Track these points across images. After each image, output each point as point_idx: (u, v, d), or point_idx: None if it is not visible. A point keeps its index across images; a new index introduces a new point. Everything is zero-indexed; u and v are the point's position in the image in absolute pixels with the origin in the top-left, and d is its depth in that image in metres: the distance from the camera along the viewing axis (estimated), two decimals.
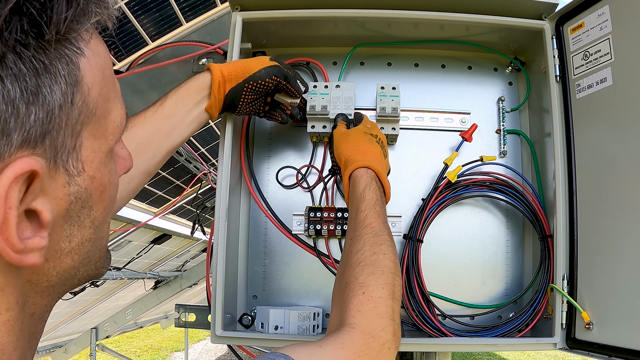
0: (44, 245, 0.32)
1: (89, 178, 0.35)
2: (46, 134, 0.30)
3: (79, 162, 0.33)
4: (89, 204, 0.35)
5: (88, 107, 0.33)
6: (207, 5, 1.33)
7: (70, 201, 0.34)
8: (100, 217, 0.37)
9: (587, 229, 0.77)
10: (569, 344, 0.77)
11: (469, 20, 0.83)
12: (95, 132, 0.35)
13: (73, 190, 0.33)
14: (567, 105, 0.81)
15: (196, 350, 6.99)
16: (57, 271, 0.36)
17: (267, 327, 0.82)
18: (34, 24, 0.28)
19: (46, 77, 0.29)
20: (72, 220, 0.35)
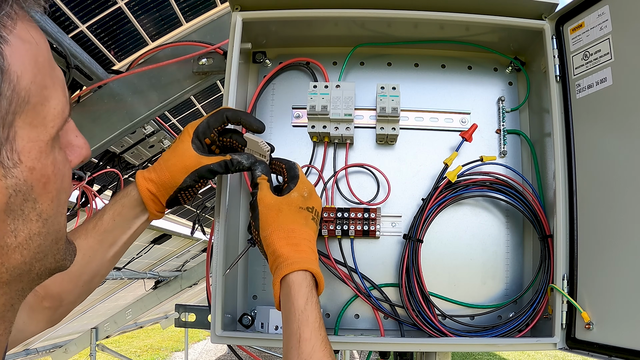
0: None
1: (27, 169, 0.33)
2: None
3: (14, 153, 0.32)
4: (31, 196, 0.34)
5: (19, 95, 0.32)
6: (207, 5, 1.33)
7: (9, 194, 0.32)
8: (49, 210, 0.36)
9: (587, 229, 0.77)
10: (569, 344, 0.77)
11: (469, 20, 0.83)
12: (32, 120, 0.33)
13: (10, 183, 0.32)
14: (567, 105, 0.81)
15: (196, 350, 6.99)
16: (6, 268, 0.34)
17: (267, 327, 0.82)
18: None
19: None
20: (15, 215, 0.33)
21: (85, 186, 1.53)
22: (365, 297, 0.87)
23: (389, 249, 0.90)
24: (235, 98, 0.81)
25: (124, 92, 1.19)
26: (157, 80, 1.17)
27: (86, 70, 1.13)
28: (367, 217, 0.87)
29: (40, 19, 0.97)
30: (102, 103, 1.20)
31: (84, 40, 1.18)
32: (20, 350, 2.84)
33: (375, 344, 0.83)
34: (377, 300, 0.87)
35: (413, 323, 0.84)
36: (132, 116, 1.20)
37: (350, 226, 0.87)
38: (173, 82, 1.16)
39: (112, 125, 1.20)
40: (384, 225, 0.90)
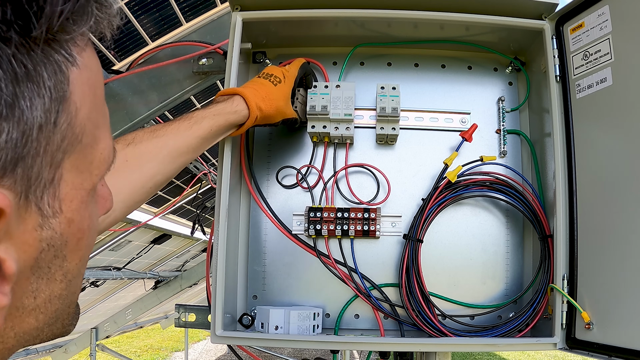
0: (6, 304, 0.25)
1: (66, 221, 0.28)
2: (19, 161, 0.23)
3: (56, 200, 0.27)
4: (62, 253, 0.28)
5: (74, 131, 0.26)
6: (207, 5, 1.33)
7: (41, 249, 0.27)
8: (75, 270, 0.31)
9: (587, 229, 0.77)
10: (569, 344, 0.77)
11: (469, 20, 0.83)
12: (79, 164, 0.28)
13: (46, 235, 0.27)
14: (567, 105, 0.81)
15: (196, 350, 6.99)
16: (15, 332, 0.28)
17: (267, 327, 0.82)
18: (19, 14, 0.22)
19: (27, 86, 0.23)
20: (40, 272, 0.28)
21: None
22: (365, 297, 0.87)
23: (389, 249, 0.90)
24: None
25: (124, 92, 1.19)
26: (157, 80, 1.17)
27: None
28: (367, 217, 0.87)
29: None
30: None
31: None
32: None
33: (375, 344, 0.83)
34: (377, 300, 0.87)
35: (413, 323, 0.84)
36: (132, 116, 1.20)
37: (350, 226, 0.87)
38: (173, 82, 1.16)
39: (112, 125, 1.18)
40: (384, 225, 0.90)
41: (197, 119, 0.69)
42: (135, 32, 1.26)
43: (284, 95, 0.79)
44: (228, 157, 0.80)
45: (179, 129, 0.67)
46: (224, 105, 0.72)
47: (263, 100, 0.75)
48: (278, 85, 0.78)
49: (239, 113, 0.72)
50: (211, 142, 0.72)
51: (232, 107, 0.72)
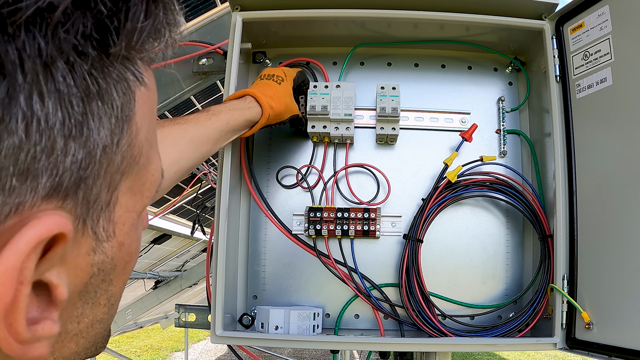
0: (56, 332, 0.23)
1: (117, 245, 0.26)
2: (81, 183, 0.22)
3: (111, 224, 0.25)
4: (110, 277, 0.27)
5: (132, 152, 0.25)
6: (207, 5, 1.33)
7: (92, 273, 0.25)
8: (118, 293, 0.29)
9: (587, 229, 0.77)
10: (569, 344, 0.77)
11: (469, 20, 0.83)
12: (133, 186, 0.27)
13: (98, 259, 0.25)
14: (567, 105, 0.81)
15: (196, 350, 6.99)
16: (55, 357, 0.27)
17: (267, 327, 0.82)
18: (99, 29, 0.21)
19: (97, 105, 0.22)
20: (87, 297, 0.26)
21: None
22: (365, 297, 0.87)
23: (389, 249, 0.90)
24: None
25: None
26: (157, 80, 1.16)
27: None
28: (367, 217, 0.87)
29: None
30: None
31: None
32: None
33: (375, 344, 0.83)
34: (377, 300, 0.87)
35: (413, 323, 0.84)
36: None
37: (350, 226, 0.87)
38: (173, 82, 1.16)
39: None
40: (384, 225, 0.90)
41: (215, 111, 0.69)
42: None
43: (289, 93, 0.80)
44: (228, 157, 0.80)
45: (198, 119, 0.68)
46: (237, 102, 0.73)
47: (272, 98, 0.76)
48: (282, 83, 0.80)
49: (253, 109, 0.73)
50: (228, 136, 0.72)
51: (245, 103, 0.73)
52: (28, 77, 0.18)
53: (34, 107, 0.19)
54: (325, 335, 0.86)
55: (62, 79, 0.20)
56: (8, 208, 0.20)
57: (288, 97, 0.80)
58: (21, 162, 0.19)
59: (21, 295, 0.20)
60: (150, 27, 0.22)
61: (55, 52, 0.19)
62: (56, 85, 0.20)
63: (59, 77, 0.20)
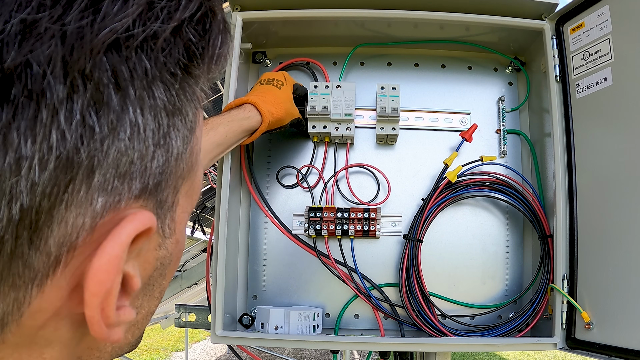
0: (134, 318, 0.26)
1: (175, 242, 0.29)
2: (158, 186, 0.25)
3: (173, 223, 0.29)
4: (165, 271, 0.30)
5: (191, 160, 0.29)
6: None
7: (156, 267, 0.28)
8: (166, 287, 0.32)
9: (587, 229, 0.77)
10: (569, 344, 0.77)
11: (469, 20, 0.83)
12: (188, 189, 0.30)
13: (162, 254, 0.28)
14: (567, 105, 0.81)
15: (196, 350, 6.99)
16: (113, 347, 0.30)
17: (267, 327, 0.82)
18: (188, 53, 0.24)
19: (178, 118, 0.25)
20: (147, 289, 0.29)
21: None
22: (365, 297, 0.87)
23: (389, 249, 0.90)
24: (235, 98, 0.81)
25: None
26: None
27: None
28: (367, 217, 0.87)
29: None
30: None
31: None
32: None
33: (375, 344, 0.83)
34: (377, 300, 0.87)
35: (413, 323, 0.84)
36: None
37: (350, 226, 0.87)
38: None
39: None
40: (384, 225, 0.90)
41: (213, 125, 0.70)
42: None
43: (289, 97, 0.81)
44: (228, 157, 0.80)
45: None
46: (236, 112, 0.73)
47: (272, 104, 0.76)
48: (282, 87, 0.80)
49: (252, 119, 0.74)
50: (225, 148, 0.73)
51: (244, 113, 0.73)
52: (137, 92, 0.22)
53: (138, 118, 0.22)
54: (325, 335, 0.86)
55: (159, 95, 0.23)
56: (108, 205, 0.22)
57: (288, 102, 0.80)
58: (122, 166, 0.22)
59: (116, 283, 0.23)
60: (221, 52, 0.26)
61: (157, 73, 0.23)
62: (155, 101, 0.23)
63: (157, 94, 0.23)
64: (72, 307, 0.23)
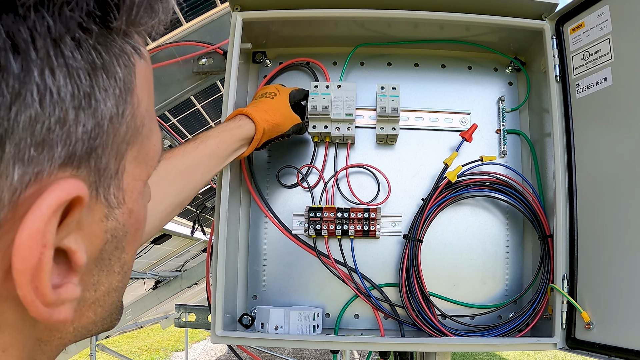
0: (78, 295, 0.25)
1: (127, 212, 0.28)
2: (91, 152, 0.24)
3: (120, 191, 0.27)
4: (122, 244, 0.29)
5: (135, 123, 0.27)
6: (207, 5, 1.33)
7: (106, 240, 0.27)
8: (130, 261, 0.31)
9: (587, 229, 0.77)
10: (569, 344, 0.77)
11: (469, 20, 0.83)
12: (138, 155, 0.28)
13: (110, 226, 0.27)
14: (567, 105, 0.81)
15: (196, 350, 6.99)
16: (74, 327, 0.29)
17: (267, 327, 0.82)
18: (101, 5, 0.22)
19: (102, 78, 0.23)
20: (102, 264, 0.28)
21: None
22: (365, 297, 0.87)
23: (389, 249, 0.90)
24: (235, 98, 0.81)
25: None
26: (157, 80, 1.17)
27: None
28: (367, 217, 0.87)
29: None
30: None
31: None
32: None
33: (375, 344, 0.83)
34: (377, 300, 0.87)
35: (413, 323, 0.84)
36: None
37: (350, 226, 0.87)
38: (173, 82, 1.16)
39: None
40: (384, 225, 0.90)
41: (203, 138, 0.69)
42: None
43: (284, 104, 0.80)
44: None
45: (185, 150, 0.68)
46: (227, 123, 0.73)
47: (266, 112, 0.76)
48: (275, 97, 0.80)
49: (244, 127, 0.73)
50: (221, 160, 0.72)
51: (235, 123, 0.73)
52: (40, 53, 0.20)
53: (47, 81, 0.20)
54: (325, 335, 0.86)
55: (70, 54, 0.21)
56: (28, 177, 0.21)
57: (284, 108, 0.80)
58: (37, 133, 0.21)
59: (45, 258, 0.22)
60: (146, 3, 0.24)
61: (63, 29, 0.21)
62: (65, 60, 0.21)
63: (68, 53, 0.21)
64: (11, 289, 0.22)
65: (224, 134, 0.71)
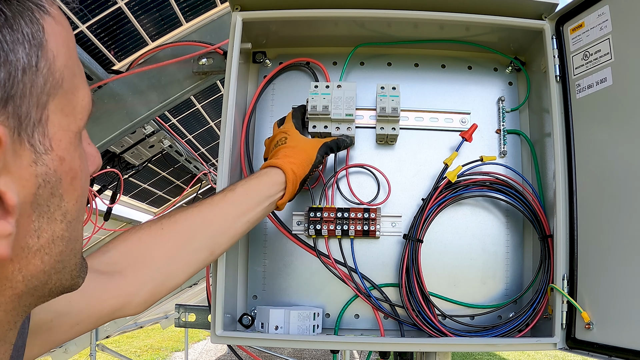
0: (11, 231, 0.27)
1: (58, 159, 0.31)
2: (9, 100, 0.27)
3: (46, 139, 0.30)
4: (59, 191, 0.31)
5: (54, 76, 0.30)
6: (207, 5, 1.33)
7: (38, 184, 0.29)
8: (73, 211, 0.33)
9: (587, 229, 0.77)
10: (569, 344, 0.77)
11: (469, 20, 0.83)
12: (63, 107, 0.31)
13: (41, 170, 0.29)
14: (567, 105, 0.81)
15: (196, 350, 6.99)
16: (23, 275, 0.30)
17: (267, 327, 0.82)
18: None
19: (7, 31, 0.26)
20: (40, 210, 0.30)
21: None
22: (365, 297, 0.87)
23: (389, 249, 0.90)
24: (235, 98, 0.81)
25: (124, 92, 1.19)
26: (157, 80, 1.17)
27: (86, 70, 1.13)
28: (367, 217, 0.87)
29: None
30: (102, 103, 1.20)
31: (84, 40, 1.18)
32: None
33: (375, 344, 0.83)
34: (377, 300, 0.87)
35: (413, 323, 0.84)
36: (132, 116, 1.20)
37: (350, 226, 0.87)
38: (173, 82, 1.16)
39: (112, 125, 1.20)
40: (384, 225, 0.90)
41: (230, 187, 0.71)
42: (135, 32, 1.26)
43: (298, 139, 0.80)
44: (228, 157, 0.80)
45: (213, 199, 0.69)
46: (251, 174, 0.75)
47: (286, 156, 0.76)
48: (287, 139, 0.80)
49: (269, 172, 0.73)
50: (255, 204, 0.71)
51: (259, 172, 0.74)
52: None
53: None
54: (325, 335, 0.86)
55: None
56: None
57: (300, 142, 0.80)
58: None
59: None
60: None
61: None
62: None
63: None
64: None
65: (250, 181, 0.72)
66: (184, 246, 0.65)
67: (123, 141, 1.65)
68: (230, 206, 0.69)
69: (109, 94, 1.20)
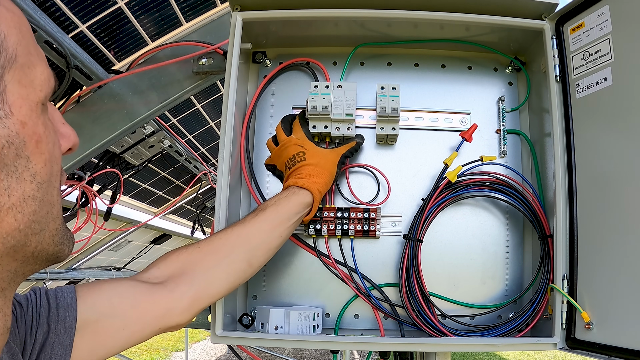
0: None
1: (19, 123, 0.34)
2: None
3: (5, 105, 0.33)
4: (24, 153, 0.34)
5: (7, 51, 0.34)
6: (207, 5, 1.33)
7: (2, 145, 0.33)
8: (43, 173, 0.36)
9: (587, 229, 0.77)
10: (569, 344, 0.77)
11: (469, 20, 0.83)
12: (20, 79, 0.35)
13: (2, 133, 0.33)
14: (567, 105, 0.81)
15: (196, 350, 6.99)
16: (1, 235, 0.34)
17: (267, 327, 0.82)
18: None
19: None
20: (8, 170, 0.33)
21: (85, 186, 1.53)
22: (365, 297, 0.87)
23: (389, 249, 0.90)
24: (235, 98, 0.81)
25: (124, 92, 1.19)
26: (157, 80, 1.17)
27: (86, 70, 1.13)
28: (367, 217, 0.87)
29: (40, 18, 0.97)
30: (102, 103, 1.20)
31: (84, 40, 1.18)
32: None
33: (375, 344, 0.83)
34: (377, 300, 0.87)
35: (413, 323, 0.84)
36: (132, 116, 1.20)
37: (350, 226, 0.87)
38: (173, 82, 1.16)
39: (112, 125, 1.20)
40: (384, 225, 0.90)
41: (261, 207, 0.75)
42: (135, 32, 1.26)
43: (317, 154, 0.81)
44: (228, 157, 0.80)
45: (244, 219, 0.73)
46: (279, 194, 0.77)
47: (310, 175, 0.79)
48: (306, 155, 0.81)
49: (298, 193, 0.77)
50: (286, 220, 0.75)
51: (289, 191, 0.77)
52: None
53: None
54: (325, 335, 0.86)
55: None
56: None
57: (320, 158, 0.81)
58: None
59: None
60: None
61: None
62: None
63: None
64: None
65: (280, 200, 0.75)
66: (221, 258, 0.69)
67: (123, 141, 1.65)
68: (263, 222, 0.72)
69: (109, 94, 1.20)
